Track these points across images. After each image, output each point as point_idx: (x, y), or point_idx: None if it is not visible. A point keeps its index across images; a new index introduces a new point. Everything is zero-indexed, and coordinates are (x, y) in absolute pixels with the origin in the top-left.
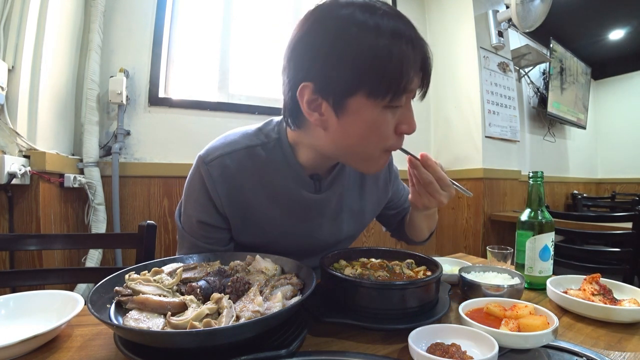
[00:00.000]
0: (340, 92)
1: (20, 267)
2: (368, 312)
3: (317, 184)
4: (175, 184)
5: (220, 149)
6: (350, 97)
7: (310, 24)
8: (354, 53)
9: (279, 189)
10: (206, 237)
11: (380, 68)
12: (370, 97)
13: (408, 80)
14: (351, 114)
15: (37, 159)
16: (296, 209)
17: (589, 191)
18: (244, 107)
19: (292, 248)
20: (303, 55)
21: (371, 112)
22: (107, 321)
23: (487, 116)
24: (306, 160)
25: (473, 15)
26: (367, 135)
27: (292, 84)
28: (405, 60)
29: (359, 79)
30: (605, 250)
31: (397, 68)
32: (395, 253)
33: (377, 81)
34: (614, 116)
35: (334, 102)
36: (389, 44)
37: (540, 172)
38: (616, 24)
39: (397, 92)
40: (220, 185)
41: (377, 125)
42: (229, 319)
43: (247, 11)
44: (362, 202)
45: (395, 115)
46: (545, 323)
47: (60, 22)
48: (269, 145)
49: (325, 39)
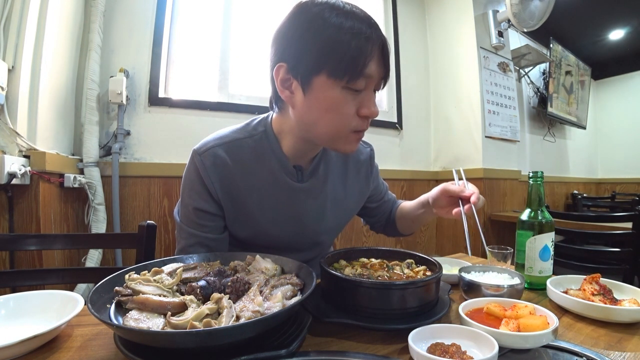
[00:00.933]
0: (307, 71)
1: (20, 267)
2: (368, 312)
3: (300, 174)
4: (175, 184)
5: (212, 142)
6: (315, 76)
7: (289, 18)
8: (319, 40)
9: (266, 178)
10: (202, 225)
11: (339, 52)
12: (330, 77)
13: (363, 65)
14: (315, 91)
15: (37, 159)
16: (282, 197)
17: (589, 191)
18: (244, 107)
19: (282, 238)
20: (281, 41)
21: (332, 90)
22: (107, 321)
23: (487, 116)
24: (289, 150)
25: (473, 15)
26: (328, 111)
27: (272, 66)
28: (361, 48)
29: (322, 60)
30: (605, 250)
31: (353, 54)
32: (395, 253)
33: (336, 63)
34: (614, 116)
35: (301, 80)
36: (348, 35)
37: (540, 172)
38: (616, 24)
39: (353, 75)
40: (213, 174)
41: (336, 103)
42: (229, 319)
43: (247, 11)
44: (344, 191)
45: (357, 99)
46: (545, 323)
47: (60, 22)
48: (256, 137)
49: (298, 29)
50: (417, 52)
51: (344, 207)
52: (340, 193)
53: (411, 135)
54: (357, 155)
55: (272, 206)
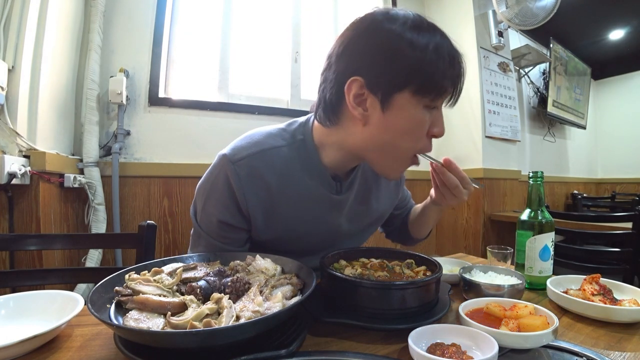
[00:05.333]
0: (389, 88)
1: (20, 267)
2: (368, 312)
3: (338, 186)
4: (175, 184)
5: (247, 149)
6: (398, 93)
7: (364, 30)
8: (405, 57)
9: (303, 189)
10: (224, 237)
11: (428, 69)
12: (415, 95)
13: (448, 83)
14: (396, 109)
15: (37, 159)
16: (318, 209)
17: (589, 191)
18: (244, 107)
19: (309, 245)
20: (355, 54)
21: (414, 109)
22: (107, 321)
23: (487, 116)
24: (329, 162)
25: (473, 15)
26: (406, 131)
27: (339, 79)
28: (446, 68)
29: (408, 77)
30: (605, 250)
31: (441, 70)
32: (395, 253)
33: (423, 81)
34: (614, 116)
35: (382, 96)
36: (435, 50)
37: (540, 172)
38: (616, 24)
39: (438, 93)
40: (247, 185)
41: (416, 122)
42: (229, 319)
43: (247, 11)
44: (377, 203)
45: (430, 119)
46: (545, 323)
47: (60, 22)
48: (294, 145)
49: (380, 46)
50: None
51: (375, 216)
52: (375, 202)
53: None
54: None
55: (307, 218)
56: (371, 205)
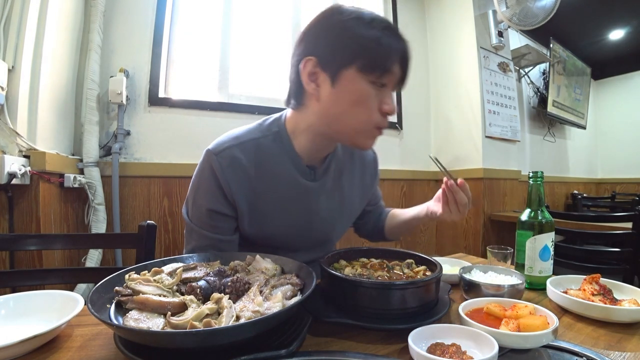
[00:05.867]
0: (337, 65)
1: (20, 267)
2: (368, 312)
3: (312, 173)
4: (175, 184)
5: (227, 142)
6: (345, 69)
7: (320, 18)
8: (352, 36)
9: (280, 178)
10: (214, 226)
11: (372, 48)
12: (360, 71)
13: (391, 64)
14: (344, 84)
15: (37, 159)
16: (295, 196)
17: (589, 191)
18: (244, 107)
19: (292, 237)
20: (311, 38)
21: (360, 84)
22: (107, 321)
23: (487, 116)
24: (302, 149)
25: (473, 15)
26: (355, 104)
27: (298, 60)
28: (391, 47)
29: (354, 54)
30: (605, 250)
31: (384, 51)
32: (395, 253)
33: (368, 58)
34: (614, 116)
35: (330, 72)
36: (380, 35)
37: (540, 172)
38: (616, 24)
39: (382, 71)
40: (230, 174)
41: (363, 96)
42: (229, 319)
43: (247, 11)
44: (352, 190)
45: (379, 95)
46: (545, 323)
47: (60, 22)
48: (270, 137)
49: (331, 27)
50: (417, 52)
51: (351, 205)
52: (349, 191)
53: (411, 135)
54: (364, 156)
55: (285, 206)
56: (345, 193)
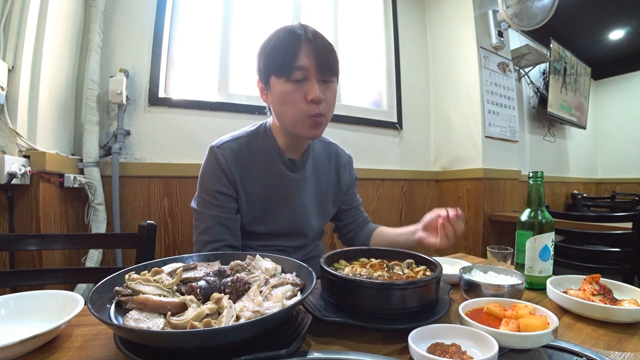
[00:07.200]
0: (265, 78)
1: (20, 267)
2: (368, 312)
3: (292, 165)
4: (175, 184)
5: (226, 139)
6: (270, 80)
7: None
8: (264, 53)
9: (268, 168)
10: (220, 206)
11: (276, 55)
12: (276, 76)
13: (293, 59)
14: (273, 90)
15: (37, 159)
16: (278, 184)
17: (589, 191)
18: (244, 107)
19: (276, 224)
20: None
21: (281, 86)
22: (107, 321)
23: (487, 116)
24: (283, 144)
25: (473, 15)
26: (283, 103)
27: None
28: (289, 46)
29: (269, 65)
30: (605, 250)
31: (282, 52)
32: (395, 253)
33: (276, 64)
34: (614, 116)
35: (266, 85)
36: (279, 41)
37: (540, 172)
38: (616, 24)
39: (289, 69)
40: (231, 161)
41: (285, 94)
42: (229, 319)
43: (247, 12)
44: (327, 184)
45: (302, 89)
46: (545, 323)
47: (60, 22)
48: (260, 135)
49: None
50: (417, 52)
51: (325, 200)
52: (324, 187)
53: (411, 135)
54: (339, 157)
55: (271, 193)
56: (321, 188)
